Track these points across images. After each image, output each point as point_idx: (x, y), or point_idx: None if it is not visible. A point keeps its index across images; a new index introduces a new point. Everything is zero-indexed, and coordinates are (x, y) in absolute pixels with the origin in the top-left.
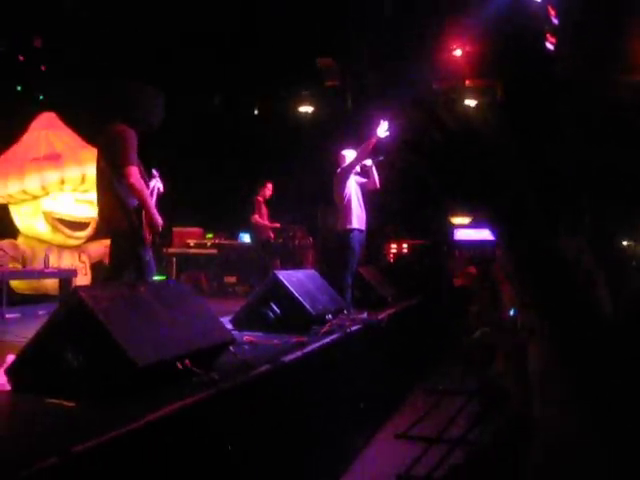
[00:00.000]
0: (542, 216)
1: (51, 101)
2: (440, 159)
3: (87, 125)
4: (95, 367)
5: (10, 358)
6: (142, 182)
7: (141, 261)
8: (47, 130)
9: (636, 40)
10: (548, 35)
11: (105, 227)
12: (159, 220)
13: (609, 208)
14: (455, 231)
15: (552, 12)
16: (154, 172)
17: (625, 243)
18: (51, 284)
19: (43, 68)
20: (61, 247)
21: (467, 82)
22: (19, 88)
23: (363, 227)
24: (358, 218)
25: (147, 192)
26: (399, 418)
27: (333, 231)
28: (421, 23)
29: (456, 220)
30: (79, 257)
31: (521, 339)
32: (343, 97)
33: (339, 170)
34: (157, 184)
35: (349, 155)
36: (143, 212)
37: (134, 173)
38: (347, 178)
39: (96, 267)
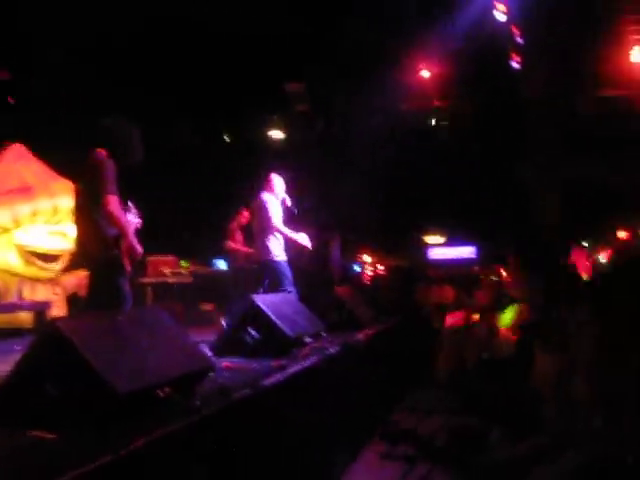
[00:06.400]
0: None
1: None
2: None
3: (63, 157)
4: (75, 397)
5: None
6: (121, 211)
7: (120, 291)
8: (17, 162)
9: (599, 57)
10: (513, 54)
11: (84, 257)
12: (139, 249)
13: None
14: (429, 250)
15: (516, 31)
16: (129, 204)
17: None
18: (25, 317)
19: (10, 100)
20: (34, 280)
21: (435, 103)
22: None
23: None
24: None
25: (125, 221)
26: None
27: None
28: (389, 45)
29: (430, 239)
30: (53, 289)
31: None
32: (313, 122)
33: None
34: (133, 218)
35: (276, 181)
36: (122, 241)
37: (113, 202)
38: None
39: (71, 299)
